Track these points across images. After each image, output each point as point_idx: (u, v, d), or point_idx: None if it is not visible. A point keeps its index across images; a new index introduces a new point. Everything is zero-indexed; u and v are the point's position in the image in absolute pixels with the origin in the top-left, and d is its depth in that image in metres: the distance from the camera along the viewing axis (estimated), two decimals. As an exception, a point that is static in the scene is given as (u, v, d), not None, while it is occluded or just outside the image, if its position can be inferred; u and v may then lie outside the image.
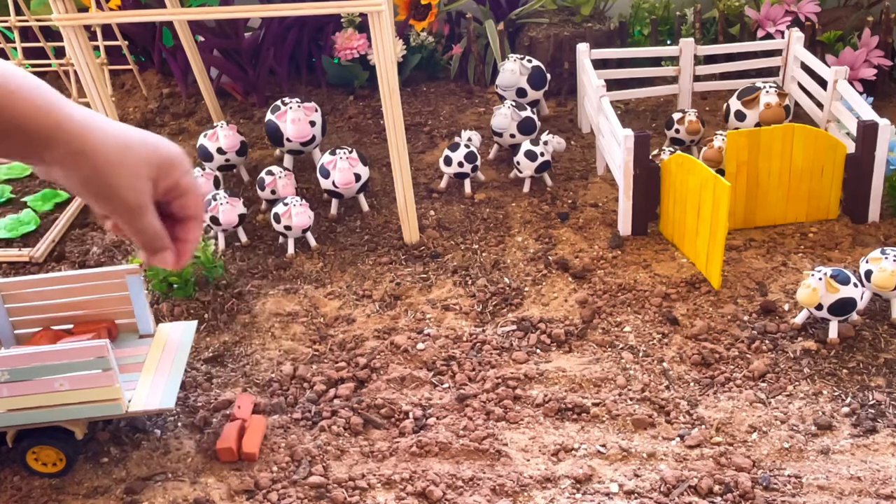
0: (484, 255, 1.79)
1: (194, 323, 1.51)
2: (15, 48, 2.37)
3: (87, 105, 1.85)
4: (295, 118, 1.93)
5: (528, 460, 1.32)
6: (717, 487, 1.24)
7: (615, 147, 1.77)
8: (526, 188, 1.97)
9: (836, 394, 1.39)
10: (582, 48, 2.08)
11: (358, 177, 1.86)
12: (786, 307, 1.58)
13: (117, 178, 0.67)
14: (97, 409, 1.29)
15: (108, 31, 2.40)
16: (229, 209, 1.80)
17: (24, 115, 0.65)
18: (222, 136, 1.97)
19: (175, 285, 1.69)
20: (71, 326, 1.48)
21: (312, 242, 1.84)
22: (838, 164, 1.73)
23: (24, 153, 0.68)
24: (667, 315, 1.58)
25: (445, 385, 1.47)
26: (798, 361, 1.46)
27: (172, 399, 1.33)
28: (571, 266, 1.72)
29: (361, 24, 2.40)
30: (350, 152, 1.86)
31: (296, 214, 1.78)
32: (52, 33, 2.45)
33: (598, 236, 1.80)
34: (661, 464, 1.30)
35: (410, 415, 1.41)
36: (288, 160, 2.06)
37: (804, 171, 1.73)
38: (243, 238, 1.87)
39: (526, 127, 2.00)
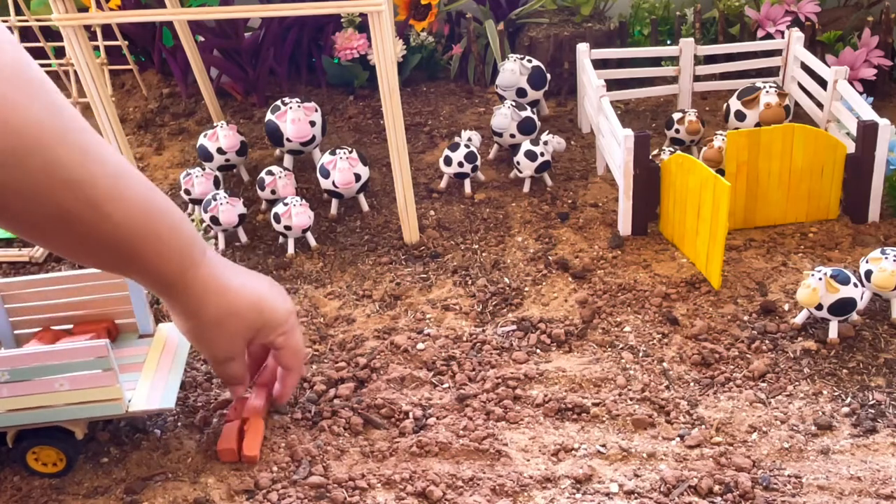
0: (484, 255, 1.79)
1: (194, 323, 1.51)
2: (15, 48, 2.37)
3: (87, 105, 1.85)
4: (295, 118, 1.93)
5: (528, 460, 1.32)
6: (717, 487, 1.24)
7: (615, 147, 1.77)
8: (526, 188, 1.97)
9: (836, 394, 1.39)
10: (582, 48, 2.08)
11: (358, 177, 1.86)
12: (786, 307, 1.58)
13: (214, 339, 0.71)
14: (97, 409, 1.29)
15: (108, 31, 2.40)
16: (229, 209, 1.80)
17: (152, 263, 0.66)
18: (222, 136, 1.97)
19: (175, 285, 1.69)
20: (71, 326, 1.48)
21: (312, 242, 1.84)
22: (838, 164, 1.73)
23: (144, 285, 0.72)
24: (667, 315, 1.58)
25: (445, 385, 1.48)
26: (798, 361, 1.46)
27: (172, 399, 1.33)
28: (571, 266, 1.72)
29: (361, 24, 2.40)
30: (350, 152, 1.86)
31: (296, 214, 1.78)
32: (52, 33, 2.45)
33: (598, 236, 1.80)
34: (661, 464, 1.30)
35: (410, 415, 1.41)
36: (288, 160, 2.06)
37: (804, 171, 1.73)
38: (243, 238, 1.87)
39: (526, 127, 2.00)
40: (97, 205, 0.61)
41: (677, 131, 1.95)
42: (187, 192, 1.90)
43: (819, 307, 1.46)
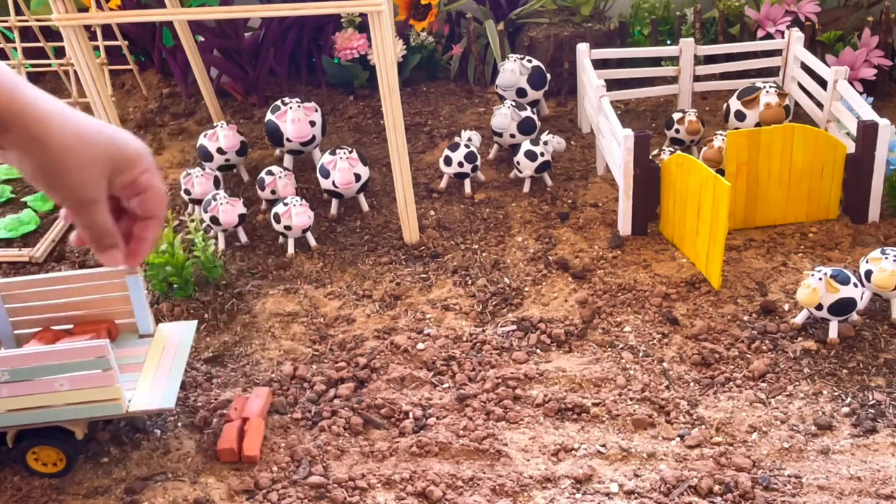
0: (484, 255, 1.79)
1: (194, 323, 1.51)
2: (15, 48, 2.37)
3: (88, 105, 1.85)
4: (295, 118, 1.93)
5: (528, 460, 1.32)
6: (717, 487, 1.24)
7: (615, 147, 1.77)
8: (526, 188, 1.97)
9: (836, 394, 1.39)
10: (582, 48, 2.08)
11: (358, 177, 1.86)
12: (786, 307, 1.58)
13: (70, 169, 0.66)
14: (97, 409, 1.29)
15: (108, 31, 2.40)
16: (229, 209, 1.80)
17: None
18: (222, 136, 1.97)
19: (175, 285, 1.69)
20: (71, 326, 1.48)
21: (312, 242, 1.84)
22: (838, 164, 1.73)
23: None
24: (667, 315, 1.58)
25: (445, 385, 1.48)
26: (798, 361, 1.46)
27: (172, 399, 1.33)
28: (571, 266, 1.72)
29: (361, 24, 2.40)
30: (350, 152, 1.86)
31: (296, 214, 1.78)
32: (52, 33, 2.44)
33: (598, 236, 1.80)
34: (661, 464, 1.30)
35: (410, 415, 1.41)
36: (288, 160, 2.06)
37: (804, 171, 1.73)
38: (243, 238, 1.87)
39: (526, 127, 2.00)
40: None
41: (677, 131, 1.95)
42: (187, 192, 1.90)
43: (819, 307, 1.46)
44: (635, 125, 2.16)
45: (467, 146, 1.94)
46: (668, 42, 2.32)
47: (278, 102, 1.98)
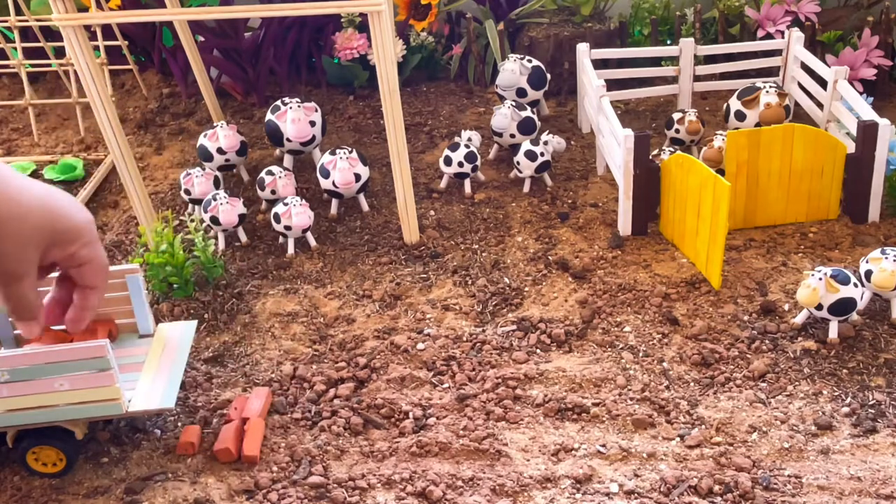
0: (484, 255, 1.79)
1: (194, 323, 1.51)
2: (15, 48, 2.37)
3: (88, 105, 1.85)
4: (295, 118, 1.93)
5: (528, 460, 1.32)
6: (717, 487, 1.24)
7: (615, 147, 1.77)
8: (526, 188, 1.97)
9: (836, 394, 1.39)
10: (582, 48, 2.08)
11: (358, 177, 1.86)
12: (786, 307, 1.58)
13: (2, 247, 0.64)
14: (97, 409, 1.29)
15: (108, 31, 2.40)
16: (229, 209, 1.80)
17: None
18: (222, 136, 1.97)
19: (175, 285, 1.69)
20: (71, 326, 1.48)
21: (312, 242, 1.84)
22: (838, 164, 1.73)
23: None
24: (667, 315, 1.58)
25: (445, 385, 1.48)
26: (798, 361, 1.46)
27: (172, 399, 1.33)
28: (571, 266, 1.72)
29: (361, 24, 2.40)
30: (350, 152, 1.86)
31: (296, 214, 1.78)
32: (52, 33, 2.45)
33: (598, 236, 1.80)
34: (661, 464, 1.30)
35: (410, 415, 1.41)
36: (288, 160, 2.06)
37: (804, 171, 1.73)
38: (243, 238, 1.87)
39: (526, 127, 2.00)
40: None
41: (677, 131, 1.95)
42: (187, 192, 1.90)
43: (819, 307, 1.46)
44: (635, 125, 2.16)
45: (467, 146, 1.94)
46: (668, 42, 2.32)
47: (278, 102, 1.98)
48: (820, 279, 1.44)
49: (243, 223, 1.86)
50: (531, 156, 1.91)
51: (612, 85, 2.07)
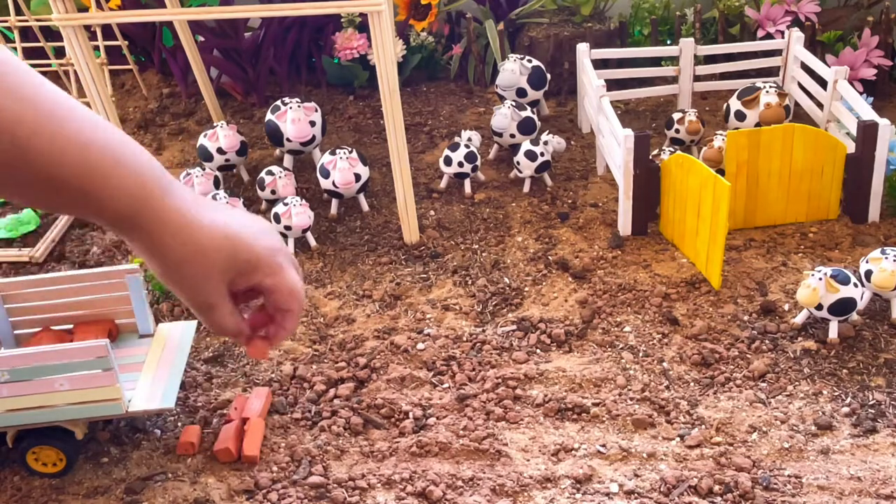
0: (484, 255, 1.79)
1: (194, 323, 1.51)
2: (15, 48, 2.37)
3: (87, 105, 1.85)
4: (295, 118, 1.93)
5: (528, 460, 1.32)
6: (717, 487, 1.24)
7: (615, 147, 1.77)
8: (526, 188, 1.97)
9: (836, 394, 1.39)
10: (582, 48, 2.08)
11: (358, 177, 1.86)
12: (786, 307, 1.58)
13: (185, 278, 0.65)
14: (97, 409, 1.30)
15: (108, 31, 2.40)
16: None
17: (99, 200, 0.62)
18: (222, 136, 1.97)
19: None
20: (71, 326, 1.48)
21: (312, 242, 1.84)
22: (838, 164, 1.73)
23: (104, 225, 0.67)
24: (667, 315, 1.58)
25: (445, 385, 1.48)
26: (798, 361, 1.46)
27: (172, 399, 1.33)
28: (571, 266, 1.72)
29: (361, 24, 2.40)
30: (350, 152, 1.86)
31: (296, 214, 1.78)
32: (52, 33, 2.44)
33: (598, 236, 1.80)
34: (661, 464, 1.30)
35: (410, 415, 1.41)
36: (288, 160, 2.06)
37: (804, 171, 1.73)
38: (243, 238, 1.87)
39: (526, 127, 2.00)
40: (20, 140, 0.58)
41: (677, 131, 1.95)
42: (187, 192, 1.90)
43: (819, 307, 1.46)
44: (635, 125, 2.16)
45: (467, 146, 1.94)
46: (668, 42, 2.32)
47: (278, 102, 1.98)
48: (820, 279, 1.44)
49: (243, 223, 1.85)
50: (531, 156, 1.91)
51: (612, 85, 2.07)
